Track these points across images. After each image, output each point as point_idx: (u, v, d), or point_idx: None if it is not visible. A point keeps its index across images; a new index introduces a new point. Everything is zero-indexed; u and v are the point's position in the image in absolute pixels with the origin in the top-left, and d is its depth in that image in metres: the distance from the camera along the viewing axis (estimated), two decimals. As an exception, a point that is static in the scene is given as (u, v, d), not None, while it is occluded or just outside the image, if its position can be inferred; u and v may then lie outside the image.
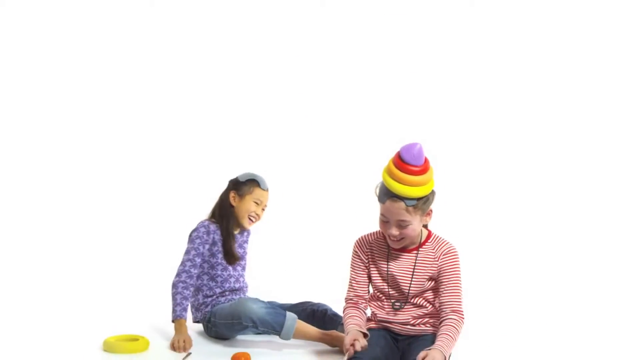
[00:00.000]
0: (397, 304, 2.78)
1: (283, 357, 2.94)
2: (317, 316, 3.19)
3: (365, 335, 2.71)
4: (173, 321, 3.12)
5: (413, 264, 2.77)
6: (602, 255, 4.83)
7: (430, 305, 2.79)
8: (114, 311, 3.70)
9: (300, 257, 4.70)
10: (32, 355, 2.97)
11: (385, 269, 2.79)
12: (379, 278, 2.81)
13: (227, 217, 3.26)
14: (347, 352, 2.62)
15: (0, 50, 5.31)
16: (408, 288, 2.77)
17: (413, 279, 2.76)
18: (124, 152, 5.40)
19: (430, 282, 2.78)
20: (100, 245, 4.91)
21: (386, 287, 2.79)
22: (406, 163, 2.63)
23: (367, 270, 2.83)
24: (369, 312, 2.87)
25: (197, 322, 3.28)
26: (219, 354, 2.97)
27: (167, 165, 5.29)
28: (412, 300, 2.78)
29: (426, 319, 2.79)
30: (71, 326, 3.41)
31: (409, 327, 2.78)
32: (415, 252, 2.78)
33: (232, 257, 3.24)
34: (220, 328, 3.15)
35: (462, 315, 2.72)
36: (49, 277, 4.40)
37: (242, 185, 3.27)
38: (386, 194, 2.65)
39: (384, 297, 2.81)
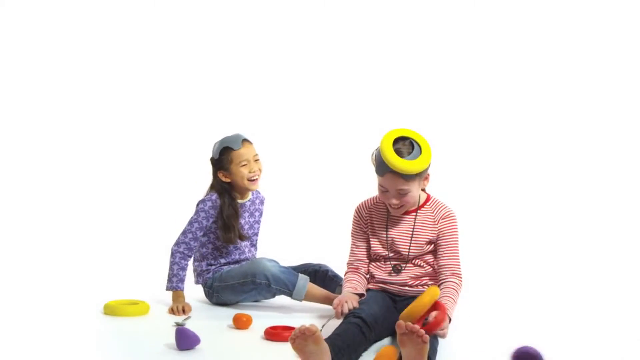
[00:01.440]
0: (397, 267, 2.80)
1: (283, 320, 2.95)
2: (318, 277, 3.22)
3: (361, 295, 2.74)
4: (168, 290, 3.14)
5: (412, 227, 2.79)
6: (595, 228, 4.85)
7: (429, 267, 2.81)
8: (115, 277, 3.74)
9: (302, 221, 4.73)
10: (34, 319, 2.99)
11: (385, 233, 2.81)
12: (378, 242, 2.83)
13: (229, 193, 3.22)
14: (335, 312, 2.65)
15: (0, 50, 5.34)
16: (407, 251, 2.79)
17: (412, 242, 2.79)
18: (131, 120, 5.40)
19: (429, 245, 2.80)
20: (101, 212, 4.93)
21: (386, 251, 2.81)
22: None
23: (367, 235, 2.86)
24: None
25: (198, 284, 3.30)
26: (219, 317, 2.99)
27: (173, 132, 5.31)
28: (411, 262, 2.80)
29: (424, 280, 2.81)
30: (73, 291, 3.44)
31: (407, 288, 2.80)
32: (413, 214, 2.80)
33: (239, 237, 3.23)
34: (225, 291, 3.17)
35: (461, 278, 2.75)
36: (50, 242, 4.42)
37: (221, 161, 3.19)
38: (384, 168, 2.67)
39: (383, 260, 2.83)
